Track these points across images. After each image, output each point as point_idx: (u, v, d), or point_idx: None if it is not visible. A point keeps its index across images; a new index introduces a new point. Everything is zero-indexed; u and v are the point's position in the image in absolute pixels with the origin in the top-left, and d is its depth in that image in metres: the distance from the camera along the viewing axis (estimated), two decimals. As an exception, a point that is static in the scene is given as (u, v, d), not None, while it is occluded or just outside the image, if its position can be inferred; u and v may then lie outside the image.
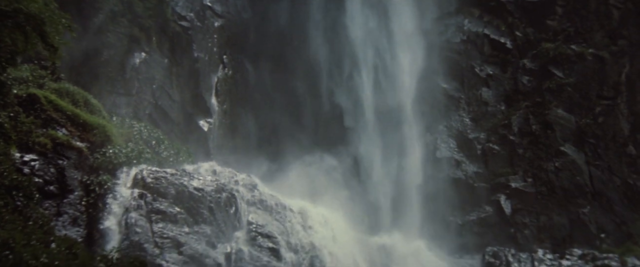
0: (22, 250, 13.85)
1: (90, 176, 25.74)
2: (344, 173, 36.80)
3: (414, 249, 32.97)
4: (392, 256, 32.29)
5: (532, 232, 35.09)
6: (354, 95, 39.66)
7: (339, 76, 40.19)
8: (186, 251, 25.78)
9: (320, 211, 32.32)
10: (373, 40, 40.18)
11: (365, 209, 35.55)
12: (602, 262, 31.89)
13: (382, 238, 33.28)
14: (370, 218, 35.00)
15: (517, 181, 36.74)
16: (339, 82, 40.15)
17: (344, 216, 32.94)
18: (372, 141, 38.70)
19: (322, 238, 30.95)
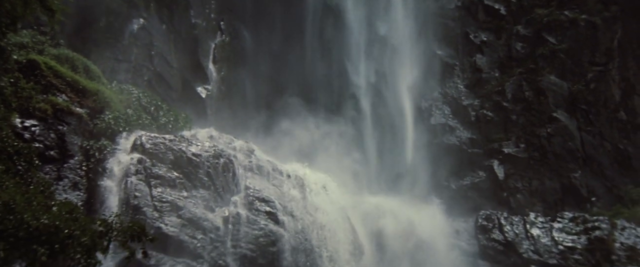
0: (23, 212, 13.90)
1: (90, 141, 25.79)
2: (340, 137, 36.84)
3: (409, 212, 33.08)
4: (387, 218, 32.41)
5: (525, 196, 35.26)
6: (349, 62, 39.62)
7: (334, 40, 40.13)
8: (185, 214, 25.89)
9: (317, 176, 32.39)
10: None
11: (362, 174, 35.65)
12: (592, 224, 32.07)
13: (378, 201, 33.35)
14: (366, 182, 35.07)
15: (510, 146, 36.84)
16: (334, 47, 40.06)
17: (340, 180, 33.00)
18: (368, 105, 38.79)
19: (318, 202, 31.05)
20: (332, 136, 36.23)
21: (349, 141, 37.00)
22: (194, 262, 24.95)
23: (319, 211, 30.45)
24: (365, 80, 39.66)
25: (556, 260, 30.94)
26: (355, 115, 38.64)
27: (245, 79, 39.54)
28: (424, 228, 32.31)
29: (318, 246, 28.93)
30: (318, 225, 29.75)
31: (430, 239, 31.87)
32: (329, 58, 40.39)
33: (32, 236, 13.87)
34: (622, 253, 30.67)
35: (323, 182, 32.31)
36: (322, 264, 28.57)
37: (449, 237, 32.62)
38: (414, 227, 32.16)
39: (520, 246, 31.55)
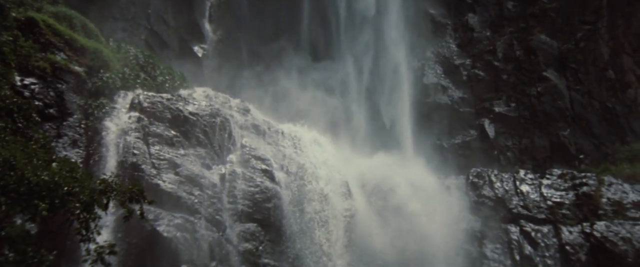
0: (24, 168, 13.95)
1: (88, 99, 25.79)
2: (337, 96, 36.83)
3: (403, 170, 33.20)
4: (381, 176, 32.54)
5: (514, 154, 35.40)
6: (343, 22, 39.44)
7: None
8: (182, 171, 25.97)
9: (312, 134, 32.48)
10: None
11: (357, 132, 35.73)
12: (580, 180, 32.25)
13: (371, 159, 33.47)
14: (360, 140, 35.14)
15: (501, 105, 36.89)
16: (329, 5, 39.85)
17: (335, 138, 33.08)
18: (363, 64, 38.73)
19: (313, 160, 31.15)
20: (331, 93, 36.20)
21: (343, 101, 36.98)
22: (192, 217, 25.06)
23: (314, 169, 30.56)
24: (359, 40, 39.48)
25: (544, 215, 31.14)
26: (350, 75, 38.53)
27: (241, 38, 39.36)
28: (417, 185, 32.43)
29: (313, 203, 29.08)
30: (313, 182, 29.88)
31: (422, 196, 32.00)
32: (325, 18, 40.15)
33: (32, 192, 13.96)
34: (609, 208, 30.88)
35: (318, 140, 32.38)
36: (317, 220, 28.73)
37: (440, 194, 32.73)
38: (406, 184, 32.28)
39: (509, 202, 31.73)
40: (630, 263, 28.65)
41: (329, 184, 30.48)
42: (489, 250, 30.35)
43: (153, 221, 23.76)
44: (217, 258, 25.15)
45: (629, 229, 29.62)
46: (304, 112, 33.94)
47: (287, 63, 37.30)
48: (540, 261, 29.63)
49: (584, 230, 30.13)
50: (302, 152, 31.14)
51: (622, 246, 29.06)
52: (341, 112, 36.23)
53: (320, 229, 28.57)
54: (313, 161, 31.07)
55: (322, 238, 28.33)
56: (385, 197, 31.66)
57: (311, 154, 31.46)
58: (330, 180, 30.69)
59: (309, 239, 27.90)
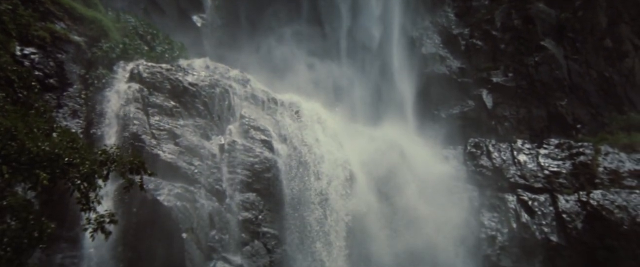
0: (25, 138, 13.96)
1: (88, 69, 25.76)
2: (336, 66, 36.71)
3: (401, 141, 33.21)
4: (380, 146, 32.56)
5: (512, 124, 35.35)
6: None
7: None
8: (182, 142, 26.01)
9: (311, 105, 32.42)
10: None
11: (355, 102, 35.67)
12: (577, 150, 32.33)
13: (370, 129, 33.47)
14: (359, 110, 35.09)
15: (499, 75, 36.78)
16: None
17: (334, 109, 33.06)
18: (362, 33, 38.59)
19: (312, 131, 31.16)
20: (327, 64, 36.08)
21: (342, 70, 36.87)
22: (191, 187, 25.14)
23: (313, 140, 30.57)
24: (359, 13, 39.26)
25: (542, 184, 31.27)
26: (349, 44, 38.38)
27: (241, 8, 39.13)
28: (415, 156, 32.48)
29: (311, 173, 29.13)
30: (312, 153, 29.90)
31: (420, 166, 32.07)
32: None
33: (33, 161, 13.95)
34: (605, 176, 31.00)
35: (317, 111, 32.34)
36: (316, 190, 28.80)
37: (438, 164, 32.79)
38: (404, 155, 32.33)
39: (507, 171, 31.84)
40: (625, 231, 28.84)
41: (328, 154, 30.51)
42: (486, 218, 30.53)
43: (153, 191, 23.83)
44: (217, 227, 25.27)
45: (625, 197, 29.75)
46: (302, 81, 33.87)
47: (286, 32, 37.13)
48: (537, 229, 29.80)
49: (580, 199, 30.28)
50: (301, 122, 31.13)
51: (618, 214, 29.21)
52: (339, 82, 36.13)
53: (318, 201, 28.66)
54: (312, 131, 31.07)
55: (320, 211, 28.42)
56: (383, 168, 31.72)
57: (310, 125, 31.45)
58: (328, 150, 30.72)
59: (308, 210, 28.01)
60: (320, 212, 28.24)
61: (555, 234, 29.68)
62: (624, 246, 28.62)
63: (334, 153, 30.85)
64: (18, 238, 14.03)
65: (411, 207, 30.26)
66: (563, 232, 29.63)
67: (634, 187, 30.23)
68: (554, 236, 29.66)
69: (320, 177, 29.31)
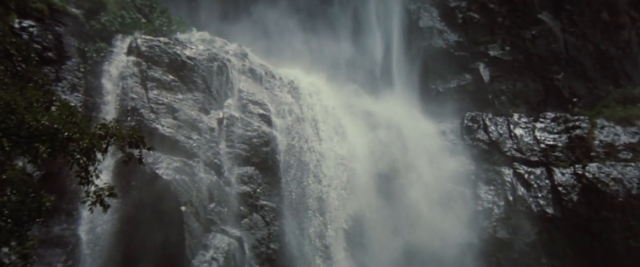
0: (25, 113, 13.95)
1: (86, 43, 25.65)
2: (334, 40, 36.56)
3: (398, 114, 33.22)
4: (377, 120, 32.60)
5: (509, 97, 35.35)
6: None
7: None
8: (180, 116, 26.03)
9: (309, 79, 32.38)
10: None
11: (352, 76, 35.57)
12: (573, 123, 32.35)
13: (367, 104, 33.45)
14: (356, 84, 34.99)
15: (496, 49, 36.66)
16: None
17: (331, 83, 32.99)
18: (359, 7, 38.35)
19: (309, 105, 31.15)
20: (324, 39, 35.94)
21: (339, 45, 36.72)
22: (190, 160, 25.22)
23: (311, 114, 30.58)
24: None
25: (538, 157, 31.33)
26: (345, 18, 38.19)
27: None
28: (412, 129, 32.53)
29: (309, 148, 29.19)
30: (311, 128, 29.93)
31: (417, 140, 32.12)
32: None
33: (33, 135, 13.96)
34: (601, 150, 31.05)
35: (315, 85, 32.30)
36: (313, 164, 28.87)
37: (435, 138, 32.84)
38: (402, 129, 32.37)
39: (503, 145, 31.88)
40: (620, 203, 28.96)
41: (326, 128, 30.55)
42: (482, 191, 30.65)
43: (152, 164, 23.92)
44: (215, 200, 25.38)
45: (620, 170, 29.84)
46: (300, 56, 33.76)
47: (285, 6, 36.89)
48: (533, 202, 29.93)
49: (576, 171, 30.36)
50: (298, 96, 31.13)
51: (613, 187, 29.33)
52: (337, 56, 35.99)
53: (318, 172, 28.75)
54: (309, 105, 31.07)
55: (318, 182, 28.52)
56: (381, 142, 31.77)
57: (308, 99, 31.43)
58: (327, 125, 30.75)
59: (305, 182, 28.09)
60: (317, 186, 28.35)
61: (551, 207, 29.81)
62: (618, 217, 28.76)
63: (332, 126, 30.92)
64: (18, 210, 14.06)
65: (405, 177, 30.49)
66: (559, 205, 29.76)
67: (629, 160, 30.31)
68: (550, 208, 29.79)
69: (318, 151, 29.39)
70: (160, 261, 23.12)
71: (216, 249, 24.27)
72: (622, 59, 36.99)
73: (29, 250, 14.48)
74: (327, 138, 30.33)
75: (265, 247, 25.80)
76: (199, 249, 23.99)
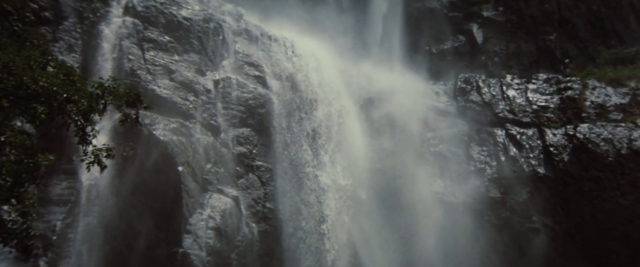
0: (22, 74, 13.87)
1: (83, 3, 25.39)
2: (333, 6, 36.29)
3: (393, 76, 33.20)
4: (372, 82, 32.56)
5: (502, 59, 35.33)
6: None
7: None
8: (177, 77, 25.93)
9: (305, 41, 32.21)
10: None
11: (348, 38, 35.40)
12: (565, 85, 32.36)
13: (362, 66, 33.37)
14: (351, 46, 34.86)
15: (489, 10, 36.51)
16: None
17: (326, 44, 32.85)
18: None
19: (305, 67, 31.07)
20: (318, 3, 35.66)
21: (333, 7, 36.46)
22: (187, 122, 25.20)
23: (307, 76, 30.51)
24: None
25: (530, 118, 31.40)
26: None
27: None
28: (406, 91, 32.51)
29: (305, 110, 29.16)
30: (306, 89, 29.88)
31: (412, 101, 32.12)
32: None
33: (31, 97, 13.89)
34: (592, 110, 31.13)
35: (311, 47, 32.16)
36: (310, 125, 28.89)
37: (429, 99, 32.82)
38: (397, 91, 32.36)
39: (496, 106, 31.91)
40: (610, 162, 29.12)
41: (322, 91, 30.51)
42: (475, 152, 30.75)
43: (149, 125, 23.90)
44: (212, 160, 25.42)
45: (611, 130, 29.92)
46: (295, 18, 33.50)
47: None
48: (525, 162, 30.06)
49: (567, 132, 30.44)
50: (294, 58, 31.01)
51: (604, 147, 29.44)
52: (333, 18, 35.75)
53: (312, 133, 28.80)
54: (305, 67, 30.99)
55: (313, 143, 28.58)
56: (376, 104, 31.79)
57: (304, 61, 31.34)
58: (323, 87, 30.71)
59: (298, 144, 28.13)
60: (312, 144, 28.42)
61: (542, 167, 29.96)
62: (608, 176, 28.94)
63: (329, 89, 30.89)
64: (17, 170, 14.04)
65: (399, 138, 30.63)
66: (550, 165, 29.90)
67: (619, 121, 30.39)
68: (541, 168, 29.94)
69: (314, 113, 29.38)
70: (159, 220, 23.26)
71: (213, 208, 24.37)
72: (613, 20, 36.87)
73: (29, 208, 14.48)
74: (322, 99, 30.29)
75: (261, 206, 25.91)
76: (196, 208, 24.09)
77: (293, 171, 27.52)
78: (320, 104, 29.92)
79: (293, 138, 28.07)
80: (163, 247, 23.06)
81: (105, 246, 22.39)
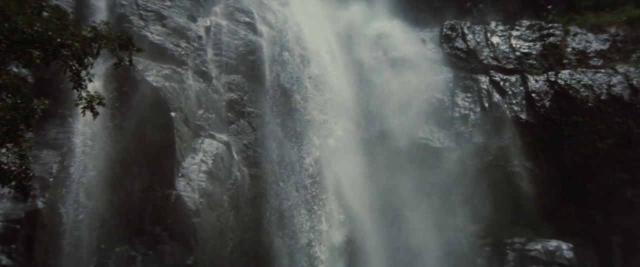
0: (17, 18, 13.86)
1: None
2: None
3: (379, 23, 33.15)
4: (359, 29, 32.56)
5: (487, 5, 35.13)
6: None
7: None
8: (169, 23, 25.86)
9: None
10: None
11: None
12: (547, 31, 32.38)
13: (350, 13, 33.30)
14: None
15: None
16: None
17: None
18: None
19: (295, 14, 30.98)
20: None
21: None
22: (179, 68, 25.20)
23: (297, 23, 30.45)
24: None
25: (513, 65, 31.47)
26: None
27: None
28: (393, 39, 32.52)
29: (295, 56, 29.16)
30: (296, 36, 29.84)
31: (399, 49, 32.16)
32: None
33: (26, 41, 13.91)
34: (573, 57, 31.25)
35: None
36: (299, 71, 28.92)
37: (415, 46, 32.81)
38: (383, 38, 32.38)
39: (481, 53, 31.94)
40: (590, 108, 29.36)
41: (312, 38, 30.49)
42: (459, 99, 30.91)
43: (142, 71, 23.89)
44: (204, 106, 25.50)
45: (591, 76, 30.09)
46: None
47: None
48: (508, 108, 30.25)
49: (549, 79, 30.58)
50: (285, 5, 30.94)
51: (584, 93, 29.64)
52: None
53: (302, 78, 28.85)
54: (295, 14, 30.91)
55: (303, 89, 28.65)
56: (363, 51, 31.82)
57: (293, 7, 31.25)
58: (309, 32, 30.69)
59: (290, 91, 28.18)
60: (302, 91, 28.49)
61: (524, 112, 30.16)
62: (588, 121, 29.21)
63: (318, 36, 30.88)
64: (13, 114, 14.11)
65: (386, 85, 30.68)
66: (532, 111, 30.11)
67: (599, 67, 30.55)
68: (523, 114, 30.14)
69: (303, 60, 29.39)
70: (153, 163, 23.40)
71: (205, 153, 24.51)
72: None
73: (26, 151, 14.62)
74: (312, 45, 30.28)
75: (251, 151, 26.10)
76: (188, 153, 24.21)
77: (282, 117, 27.64)
78: (310, 53, 29.92)
79: (283, 85, 28.10)
80: (157, 189, 23.20)
81: (101, 188, 22.57)
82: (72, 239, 21.51)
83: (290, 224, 25.87)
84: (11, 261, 19.94)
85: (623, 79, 29.92)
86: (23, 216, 20.53)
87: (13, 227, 20.34)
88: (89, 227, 21.94)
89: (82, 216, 21.88)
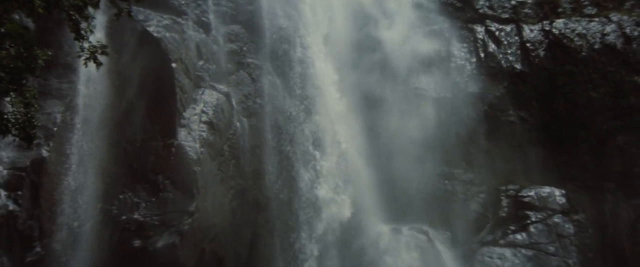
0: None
1: None
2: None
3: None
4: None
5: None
6: None
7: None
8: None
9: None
10: None
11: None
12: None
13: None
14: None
15: None
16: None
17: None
18: None
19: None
20: None
21: None
22: (179, 18, 25.13)
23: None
24: None
25: (508, 14, 31.28)
26: None
27: None
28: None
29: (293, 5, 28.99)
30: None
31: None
32: None
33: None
34: (567, 5, 31.08)
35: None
36: (297, 23, 28.76)
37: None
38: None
39: (476, 3, 31.66)
40: (584, 57, 29.33)
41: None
42: (456, 49, 30.76)
43: (143, 22, 23.83)
44: (204, 57, 25.47)
45: (585, 25, 29.99)
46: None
47: None
48: (503, 58, 30.18)
49: (544, 28, 30.47)
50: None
51: (578, 42, 29.59)
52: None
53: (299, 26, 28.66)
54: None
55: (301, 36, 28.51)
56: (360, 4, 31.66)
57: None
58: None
59: (287, 42, 28.04)
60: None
61: (519, 62, 30.11)
62: (581, 71, 29.19)
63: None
64: (16, 64, 14.12)
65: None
66: (526, 60, 30.06)
67: (593, 16, 30.41)
68: (518, 63, 30.09)
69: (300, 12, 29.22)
70: (154, 113, 23.47)
71: (206, 103, 24.54)
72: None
73: (30, 99, 14.66)
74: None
75: (251, 102, 26.11)
76: (189, 103, 24.26)
77: (282, 67, 27.57)
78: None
79: (282, 34, 27.94)
80: (159, 139, 23.31)
81: (104, 137, 22.69)
82: (77, 185, 21.73)
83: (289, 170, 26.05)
84: (18, 206, 20.27)
85: (616, 28, 29.84)
86: (28, 164, 20.83)
87: (19, 175, 20.66)
88: (93, 174, 22.13)
89: (86, 164, 22.05)
